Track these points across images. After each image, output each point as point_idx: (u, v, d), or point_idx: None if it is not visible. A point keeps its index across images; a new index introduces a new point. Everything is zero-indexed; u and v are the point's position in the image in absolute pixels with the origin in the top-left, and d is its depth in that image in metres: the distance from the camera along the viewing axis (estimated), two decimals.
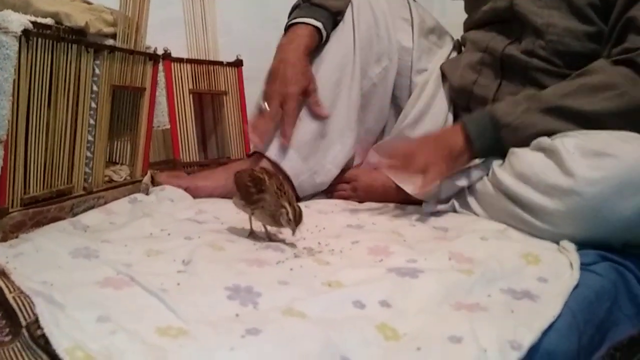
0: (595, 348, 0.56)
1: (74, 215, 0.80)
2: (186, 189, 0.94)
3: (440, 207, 0.84)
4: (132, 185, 0.96)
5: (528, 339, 0.45)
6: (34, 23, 0.68)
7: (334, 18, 1.00)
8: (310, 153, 1.01)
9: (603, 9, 0.85)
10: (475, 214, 0.81)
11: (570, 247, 0.64)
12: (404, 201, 0.92)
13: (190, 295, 0.49)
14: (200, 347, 0.40)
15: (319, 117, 0.99)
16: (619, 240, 0.67)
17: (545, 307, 0.51)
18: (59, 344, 0.37)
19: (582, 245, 0.64)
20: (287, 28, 0.99)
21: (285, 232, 0.71)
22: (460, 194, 0.85)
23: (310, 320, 0.46)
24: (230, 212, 0.80)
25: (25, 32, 0.66)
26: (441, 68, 1.05)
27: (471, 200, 0.82)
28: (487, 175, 0.80)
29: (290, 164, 0.98)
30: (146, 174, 1.00)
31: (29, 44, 0.68)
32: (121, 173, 0.98)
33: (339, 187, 1.05)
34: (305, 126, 1.01)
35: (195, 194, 0.94)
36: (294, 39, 0.96)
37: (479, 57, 0.97)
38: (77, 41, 0.78)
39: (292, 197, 0.69)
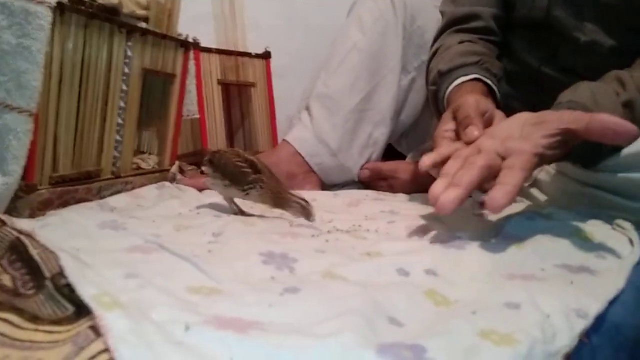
0: None
1: (102, 198, 0.79)
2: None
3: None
4: (160, 174, 0.94)
5: (594, 308, 0.40)
6: None
7: None
8: (340, 143, 1.00)
9: None
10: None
11: (628, 225, 0.59)
12: None
13: (223, 260, 0.47)
14: (236, 304, 0.37)
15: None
16: None
17: (607, 281, 0.46)
18: (85, 291, 0.34)
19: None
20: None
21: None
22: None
23: (353, 283, 0.42)
24: None
25: (60, 4, 0.66)
26: None
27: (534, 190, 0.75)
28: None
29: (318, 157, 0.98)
30: (174, 164, 0.99)
31: (63, 18, 0.68)
32: (149, 162, 0.97)
33: (375, 184, 1.03)
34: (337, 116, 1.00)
35: None
36: None
37: (513, 69, 0.88)
38: (110, 20, 0.77)
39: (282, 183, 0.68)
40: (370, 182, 1.03)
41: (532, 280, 0.45)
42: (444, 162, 0.59)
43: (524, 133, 0.56)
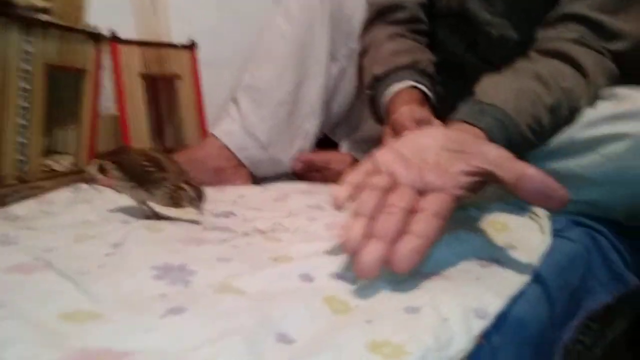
0: (570, 317, 0.51)
1: (5, 205, 0.73)
2: None
3: None
4: (77, 176, 0.89)
5: (494, 306, 0.40)
6: None
7: None
8: (271, 139, 0.97)
9: None
10: None
11: (542, 213, 0.59)
12: None
13: (111, 277, 0.43)
14: (110, 332, 0.34)
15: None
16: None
17: (514, 274, 0.46)
18: None
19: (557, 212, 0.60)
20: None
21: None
22: None
23: (248, 296, 0.40)
24: None
25: None
26: None
27: None
28: None
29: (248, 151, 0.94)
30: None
31: None
32: (63, 163, 0.91)
33: (308, 175, 1.01)
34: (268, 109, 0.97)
35: None
36: None
37: (438, 57, 0.85)
38: (2, 13, 0.70)
39: (189, 177, 0.63)
40: (304, 173, 1.01)
41: (438, 279, 0.44)
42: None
43: (440, 158, 0.49)
